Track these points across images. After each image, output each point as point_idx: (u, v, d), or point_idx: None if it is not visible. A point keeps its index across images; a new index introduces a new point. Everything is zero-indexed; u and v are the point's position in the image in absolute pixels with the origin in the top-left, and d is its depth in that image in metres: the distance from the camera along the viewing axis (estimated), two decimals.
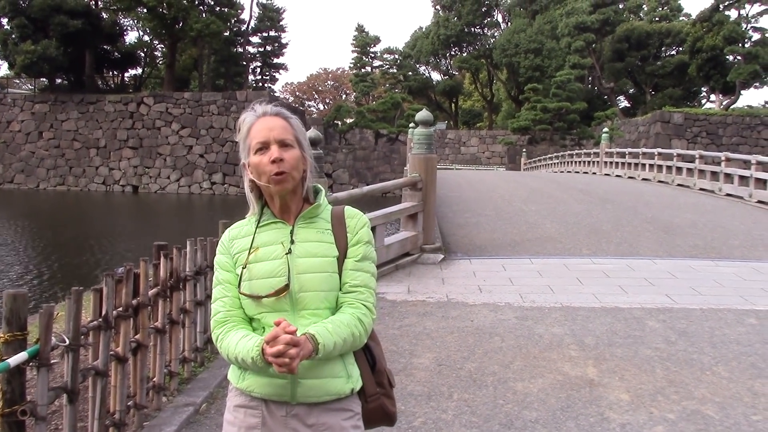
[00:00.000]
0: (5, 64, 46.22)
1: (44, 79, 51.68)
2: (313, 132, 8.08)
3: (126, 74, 57.95)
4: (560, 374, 5.24)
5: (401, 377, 5.12)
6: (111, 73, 56.77)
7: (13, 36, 47.85)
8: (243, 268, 2.16)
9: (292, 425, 2.11)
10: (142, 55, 57.50)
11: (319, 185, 2.29)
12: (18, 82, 58.48)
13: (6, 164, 47.09)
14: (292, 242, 2.17)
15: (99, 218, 33.18)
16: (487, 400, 4.70)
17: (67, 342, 3.15)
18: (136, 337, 4.09)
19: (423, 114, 10.49)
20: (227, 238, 2.25)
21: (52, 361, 3.08)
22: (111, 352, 3.69)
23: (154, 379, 4.41)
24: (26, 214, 32.08)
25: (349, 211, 2.29)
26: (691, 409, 4.54)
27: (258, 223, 2.21)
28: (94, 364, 3.54)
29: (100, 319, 3.53)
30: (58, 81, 51.70)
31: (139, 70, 58.35)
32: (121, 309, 3.79)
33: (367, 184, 44.91)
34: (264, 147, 2.12)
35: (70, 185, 46.66)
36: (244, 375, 2.16)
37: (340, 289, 2.19)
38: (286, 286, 2.11)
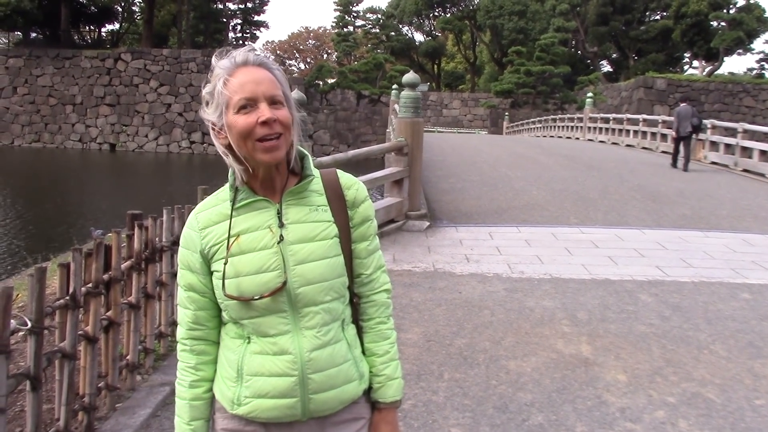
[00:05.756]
0: None
1: (18, 33, 50.48)
2: (296, 93, 7.70)
3: (103, 29, 57.01)
4: (554, 352, 5.03)
5: None
6: (87, 27, 55.69)
7: None
8: (224, 263, 1.73)
9: None
10: (120, 9, 56.29)
11: (304, 150, 1.85)
12: None
13: None
14: (282, 225, 1.75)
15: (74, 178, 32.55)
16: (480, 381, 4.48)
17: (30, 325, 2.86)
18: (107, 314, 3.80)
19: (410, 76, 10.13)
20: (196, 227, 1.78)
21: (13, 346, 2.79)
22: (80, 332, 3.41)
23: (128, 357, 4.14)
24: None
25: (345, 179, 1.89)
26: (692, 392, 4.36)
27: (234, 203, 1.77)
28: (60, 345, 3.25)
29: (67, 298, 3.23)
30: (33, 35, 50.51)
31: (117, 26, 57.30)
32: (90, 285, 3.49)
33: (349, 146, 44.58)
34: (250, 104, 1.67)
35: (46, 142, 45.80)
36: (240, 397, 1.76)
37: (355, 277, 1.87)
38: (284, 284, 1.72)
